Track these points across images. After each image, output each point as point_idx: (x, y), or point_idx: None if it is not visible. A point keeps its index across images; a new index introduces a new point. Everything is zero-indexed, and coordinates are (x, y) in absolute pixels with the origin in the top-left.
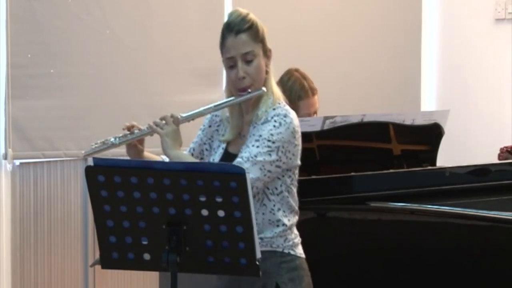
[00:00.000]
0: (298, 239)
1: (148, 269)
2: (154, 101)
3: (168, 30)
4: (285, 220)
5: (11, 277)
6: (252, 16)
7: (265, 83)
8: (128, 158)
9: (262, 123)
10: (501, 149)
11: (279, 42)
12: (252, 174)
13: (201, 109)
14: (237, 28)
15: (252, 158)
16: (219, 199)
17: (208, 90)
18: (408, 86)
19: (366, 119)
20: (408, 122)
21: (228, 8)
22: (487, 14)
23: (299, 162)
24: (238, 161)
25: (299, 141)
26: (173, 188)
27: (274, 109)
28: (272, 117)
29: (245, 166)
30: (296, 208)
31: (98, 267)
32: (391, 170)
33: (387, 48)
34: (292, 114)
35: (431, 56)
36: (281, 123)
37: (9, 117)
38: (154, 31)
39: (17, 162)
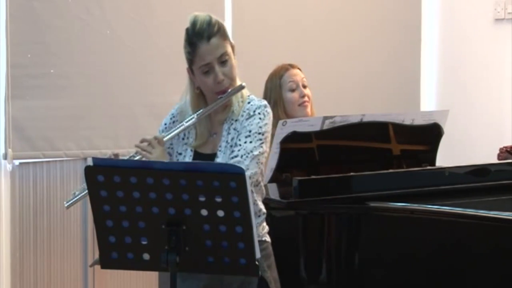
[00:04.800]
0: (266, 225)
1: (148, 269)
2: (154, 101)
3: (168, 30)
4: (263, 209)
5: (11, 277)
6: (214, 16)
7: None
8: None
9: (247, 118)
10: (501, 149)
11: (278, 41)
12: (251, 169)
13: (183, 124)
14: (207, 33)
15: (249, 153)
16: (218, 199)
17: None
18: (407, 86)
19: (365, 119)
20: (407, 122)
21: (228, 8)
22: (486, 14)
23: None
24: (237, 160)
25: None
26: (172, 188)
27: (249, 102)
28: (254, 111)
29: (246, 163)
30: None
31: (97, 267)
32: (391, 170)
33: (387, 48)
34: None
35: (431, 56)
36: (265, 115)
37: (9, 117)
38: (154, 31)
39: (17, 162)
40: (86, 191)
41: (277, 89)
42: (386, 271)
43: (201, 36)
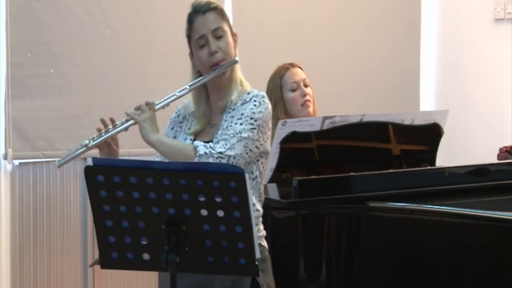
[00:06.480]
0: (263, 230)
1: (148, 269)
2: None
3: (168, 30)
4: (258, 206)
5: (10, 277)
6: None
7: (234, 71)
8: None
9: (242, 104)
10: (501, 149)
11: (278, 41)
12: (236, 150)
13: (176, 92)
14: (204, 8)
15: (237, 134)
16: (218, 199)
17: None
18: (407, 86)
19: (365, 119)
20: (407, 122)
21: (228, 8)
22: (486, 14)
23: (269, 149)
24: (224, 137)
25: (271, 126)
26: (172, 188)
27: (248, 93)
28: (251, 98)
29: (232, 141)
30: (263, 198)
31: (97, 267)
32: (391, 170)
33: (386, 47)
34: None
35: (430, 56)
36: (261, 103)
37: (9, 117)
38: (154, 31)
39: (17, 162)
40: (80, 151)
41: (277, 90)
42: (386, 271)
43: (197, 11)
